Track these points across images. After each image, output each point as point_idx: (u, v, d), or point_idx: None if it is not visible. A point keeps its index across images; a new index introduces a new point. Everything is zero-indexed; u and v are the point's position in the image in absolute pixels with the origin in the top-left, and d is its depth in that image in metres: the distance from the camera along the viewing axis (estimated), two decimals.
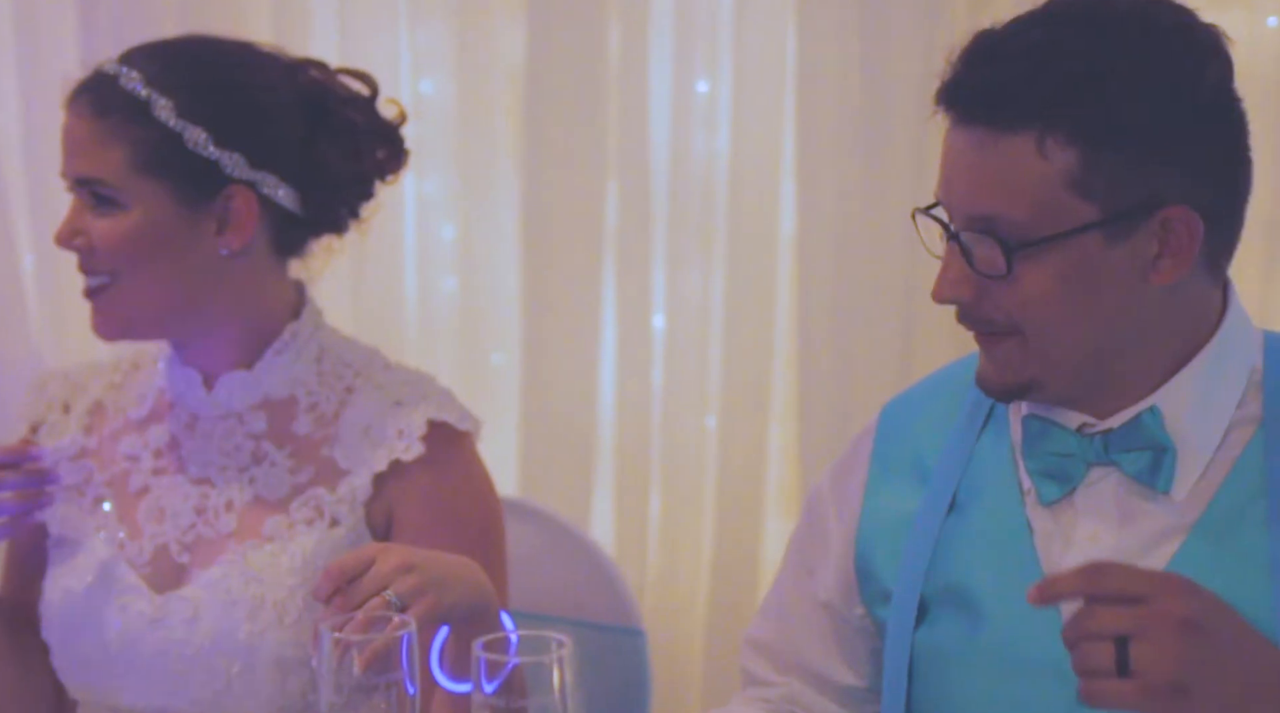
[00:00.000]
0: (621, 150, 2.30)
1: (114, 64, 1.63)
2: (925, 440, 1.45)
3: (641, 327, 2.33)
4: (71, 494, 1.71)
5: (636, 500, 2.35)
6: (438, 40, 2.36)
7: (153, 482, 1.69)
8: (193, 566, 1.64)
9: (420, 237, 2.42)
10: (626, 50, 2.27)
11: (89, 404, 1.75)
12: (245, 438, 1.67)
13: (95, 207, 1.61)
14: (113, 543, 1.66)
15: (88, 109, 1.61)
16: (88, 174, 1.61)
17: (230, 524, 1.65)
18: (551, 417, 2.35)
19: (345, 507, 1.63)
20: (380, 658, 1.26)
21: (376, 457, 1.63)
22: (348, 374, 1.70)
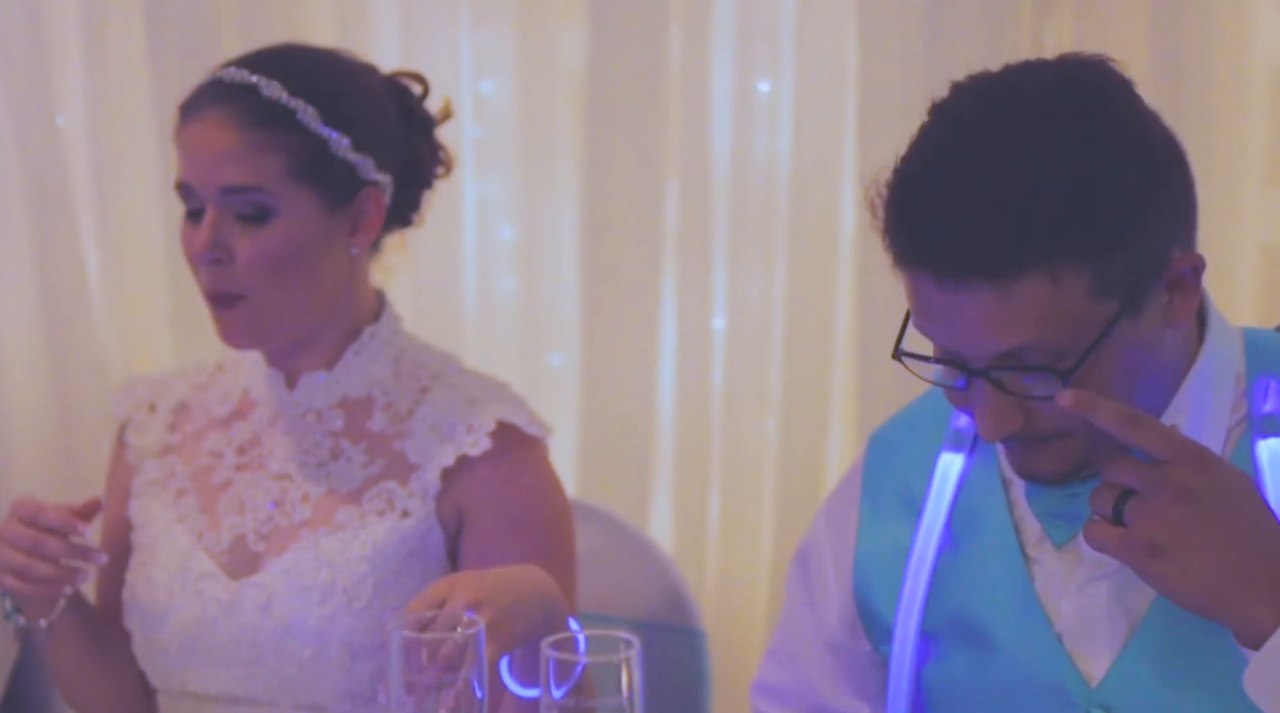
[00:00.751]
0: (682, 151, 2.30)
1: (245, 73, 1.64)
2: (912, 471, 1.43)
3: (701, 328, 2.33)
4: (155, 488, 1.75)
5: (696, 502, 2.35)
6: (498, 42, 2.36)
7: (235, 476, 1.73)
8: (267, 553, 1.68)
9: (480, 238, 2.43)
10: (687, 51, 2.27)
11: (174, 404, 1.80)
12: (324, 435, 1.71)
13: (244, 217, 1.61)
14: (192, 533, 1.70)
15: (234, 118, 1.61)
16: (244, 183, 1.61)
17: (305, 514, 1.68)
18: (611, 418, 2.35)
19: (416, 500, 1.66)
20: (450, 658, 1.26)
21: (444, 452, 1.66)
22: (423, 375, 1.73)
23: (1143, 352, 1.26)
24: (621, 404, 2.35)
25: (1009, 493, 1.38)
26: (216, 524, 1.71)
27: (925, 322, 1.26)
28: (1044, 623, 1.33)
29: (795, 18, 2.25)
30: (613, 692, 1.25)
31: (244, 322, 1.65)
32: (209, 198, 1.62)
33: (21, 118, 2.41)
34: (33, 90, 2.41)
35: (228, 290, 1.63)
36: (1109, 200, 1.20)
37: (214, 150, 1.61)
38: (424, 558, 1.66)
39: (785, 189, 2.29)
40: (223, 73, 1.65)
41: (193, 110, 1.65)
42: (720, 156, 2.30)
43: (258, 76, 1.63)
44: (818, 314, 2.30)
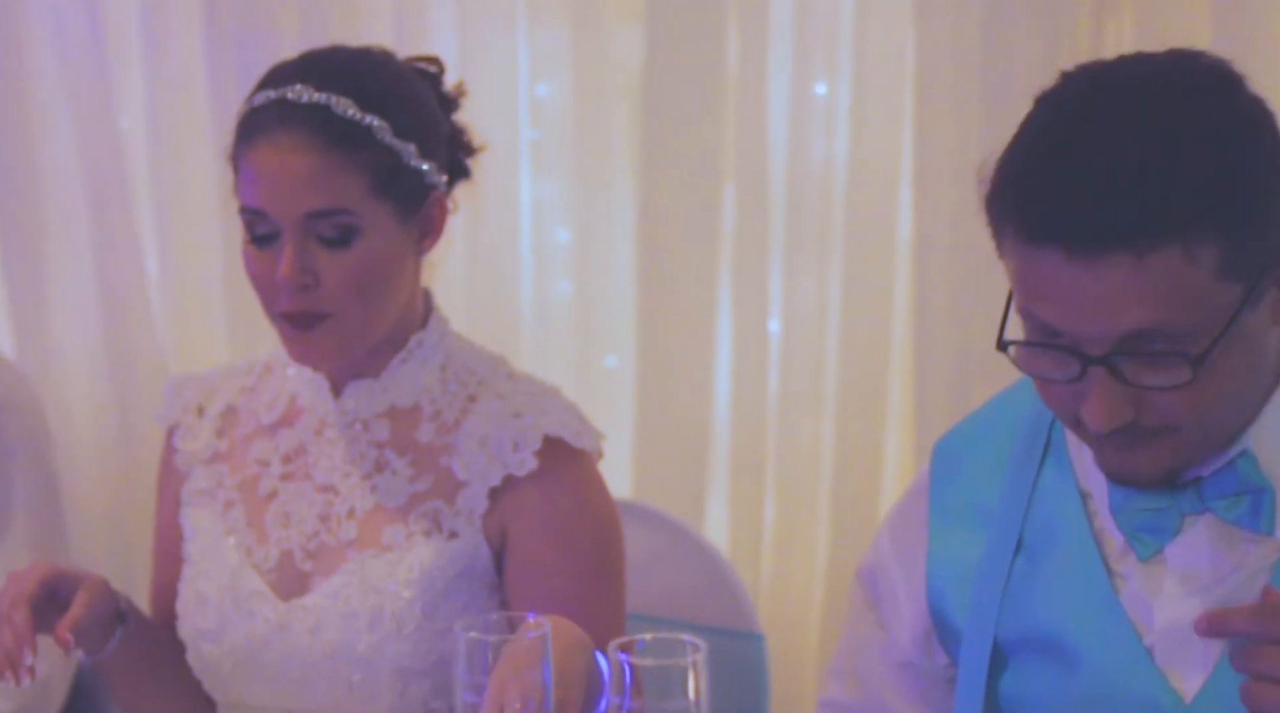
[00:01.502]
0: (738, 153, 2.29)
1: (310, 91, 1.57)
2: (981, 481, 1.41)
3: (757, 331, 2.32)
4: (204, 498, 1.72)
5: (751, 506, 2.35)
6: (555, 44, 2.37)
7: (281, 487, 1.69)
8: (315, 573, 1.65)
9: (536, 240, 2.43)
10: (745, 52, 2.27)
11: (222, 407, 1.75)
12: (369, 445, 1.66)
13: (328, 240, 1.56)
14: (241, 548, 1.67)
15: (311, 141, 1.55)
16: (328, 207, 1.55)
17: (351, 532, 1.64)
18: (666, 421, 2.35)
19: (463, 520, 1.62)
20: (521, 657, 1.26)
21: (492, 470, 1.61)
22: (471, 382, 1.67)
23: (1250, 349, 1.24)
24: (677, 407, 2.35)
25: (1087, 505, 1.36)
26: (264, 539, 1.68)
27: (1044, 305, 1.23)
28: (1133, 637, 1.31)
29: (853, 19, 2.25)
30: (679, 695, 1.24)
31: (325, 342, 1.59)
32: (289, 224, 1.56)
33: (83, 120, 2.43)
34: (94, 93, 2.43)
35: (313, 312, 1.58)
36: (1244, 176, 1.20)
37: (294, 176, 1.55)
38: (471, 579, 1.62)
39: (842, 191, 2.28)
40: (288, 92, 1.57)
41: (259, 133, 1.57)
42: (777, 159, 2.30)
43: (327, 94, 1.56)
44: (874, 317, 2.30)
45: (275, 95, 1.58)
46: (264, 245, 1.58)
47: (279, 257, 1.56)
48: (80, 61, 2.42)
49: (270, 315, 1.62)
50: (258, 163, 1.56)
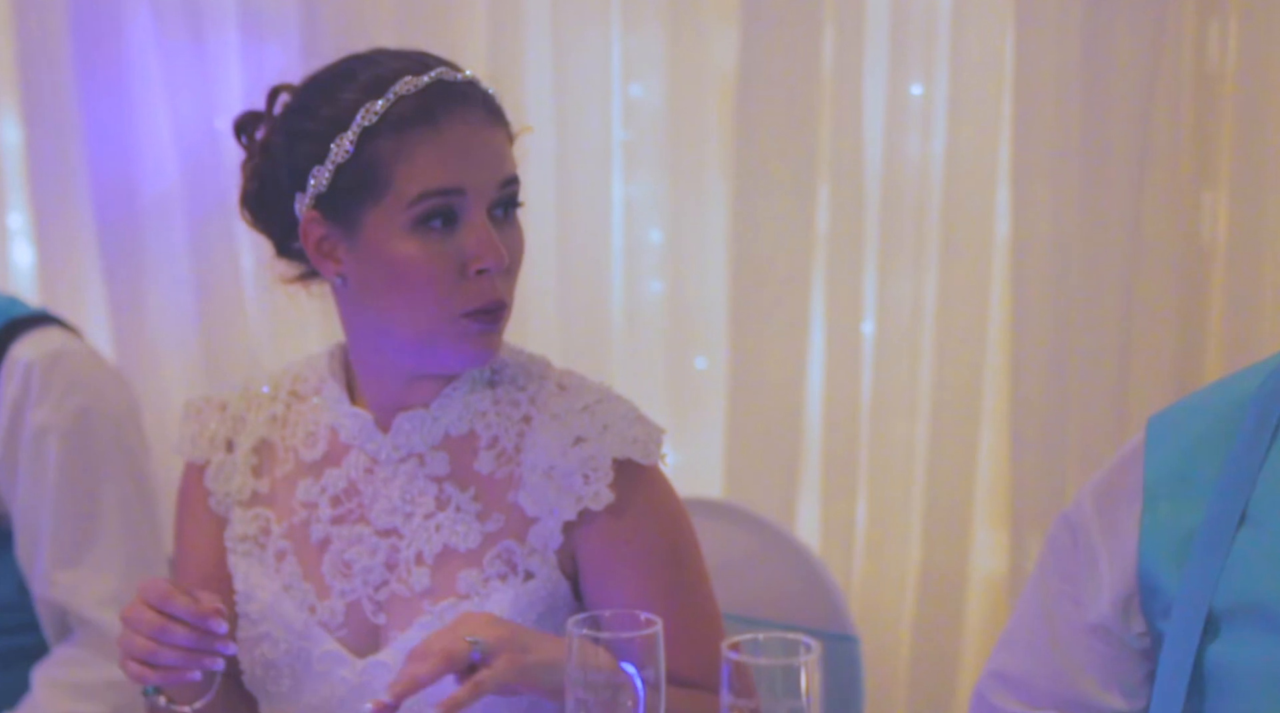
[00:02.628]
0: (833, 154, 2.29)
1: (449, 72, 1.53)
2: (1202, 455, 1.41)
3: (851, 332, 2.32)
4: (250, 547, 1.62)
5: (843, 507, 2.34)
6: (649, 44, 2.37)
7: (334, 532, 1.59)
8: (389, 627, 1.56)
9: (628, 240, 2.43)
10: (840, 53, 2.26)
11: (254, 442, 1.64)
12: (428, 482, 1.57)
13: (501, 217, 1.53)
14: (304, 607, 1.58)
15: (490, 116, 1.53)
16: (514, 174, 1.54)
17: (423, 581, 1.55)
18: (758, 421, 2.35)
19: (537, 558, 1.55)
20: (629, 655, 1.26)
21: (564, 503, 1.54)
22: (523, 400, 1.58)
23: None
24: (769, 407, 2.34)
25: None
26: (325, 593, 1.58)
27: None
28: None
29: (950, 19, 2.24)
30: (791, 696, 1.24)
31: (502, 332, 1.54)
32: (481, 199, 1.50)
33: (181, 120, 2.47)
34: (193, 93, 2.46)
35: (504, 299, 1.52)
36: None
37: (486, 147, 1.51)
38: (554, 616, 1.55)
39: (938, 192, 2.27)
40: (441, 73, 1.51)
41: (439, 112, 1.49)
42: (872, 159, 2.29)
43: (465, 74, 1.54)
44: (969, 318, 2.28)
45: (431, 78, 1.51)
46: (440, 236, 1.49)
47: (464, 245, 1.49)
48: (180, 62, 2.45)
49: (445, 318, 1.51)
50: (449, 140, 1.49)
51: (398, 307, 1.51)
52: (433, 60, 1.54)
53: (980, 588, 2.35)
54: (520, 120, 2.37)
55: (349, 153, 1.50)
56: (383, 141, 1.49)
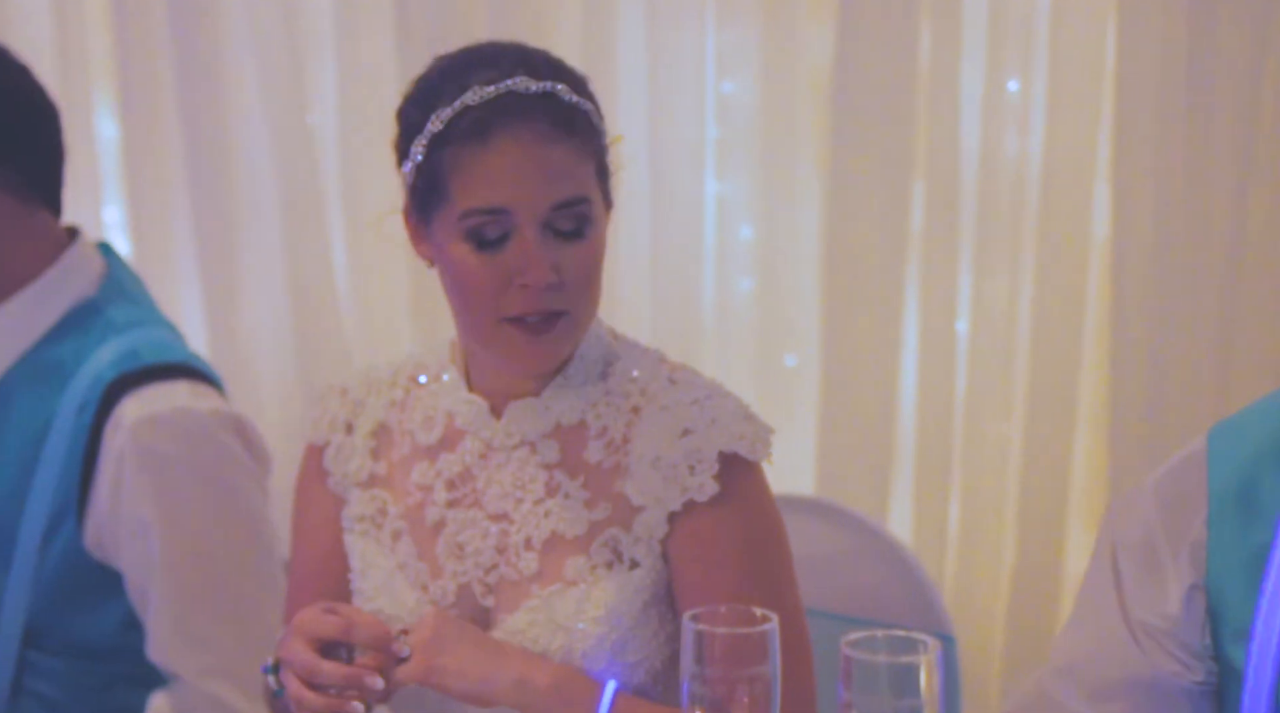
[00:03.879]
0: (929, 151, 2.27)
1: (530, 81, 1.50)
2: (1265, 470, 1.37)
3: (944, 331, 2.30)
4: (367, 526, 1.66)
5: (935, 506, 2.32)
6: (742, 41, 2.36)
7: (449, 515, 1.62)
8: (498, 609, 1.60)
9: (719, 237, 2.43)
10: (937, 48, 2.24)
11: (373, 425, 1.68)
12: (538, 468, 1.60)
13: (564, 233, 1.51)
14: (416, 585, 1.62)
15: (555, 131, 1.49)
16: (575, 195, 1.51)
17: (532, 565, 1.58)
18: (850, 419, 2.33)
19: (642, 547, 1.56)
20: (744, 651, 1.26)
21: (669, 494, 1.55)
22: (633, 392, 1.60)
23: None
24: (861, 405, 2.33)
25: None
26: (439, 573, 1.62)
27: None
28: None
29: (1049, 14, 2.21)
30: (910, 694, 1.23)
31: (564, 339, 1.54)
32: (532, 219, 1.50)
33: (275, 115, 2.49)
34: (287, 89, 2.48)
35: (557, 310, 1.52)
36: None
37: (539, 166, 1.49)
38: (657, 604, 1.57)
39: (1035, 190, 2.25)
40: (508, 84, 1.50)
41: (493, 129, 1.48)
42: (968, 157, 2.27)
43: (549, 83, 1.50)
44: (1066, 317, 2.26)
45: (497, 90, 1.50)
46: (491, 250, 1.50)
47: (511, 259, 1.50)
48: (274, 58, 2.47)
49: (490, 322, 1.53)
50: (498, 159, 1.49)
51: (457, 305, 1.56)
52: (515, 65, 1.51)
53: (1075, 590, 2.32)
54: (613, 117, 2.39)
55: (419, 159, 1.52)
56: (445, 152, 1.50)
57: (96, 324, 1.98)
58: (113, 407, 1.91)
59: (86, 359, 1.94)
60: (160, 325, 2.04)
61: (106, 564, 1.96)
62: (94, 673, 1.98)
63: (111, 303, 2.00)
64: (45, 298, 1.98)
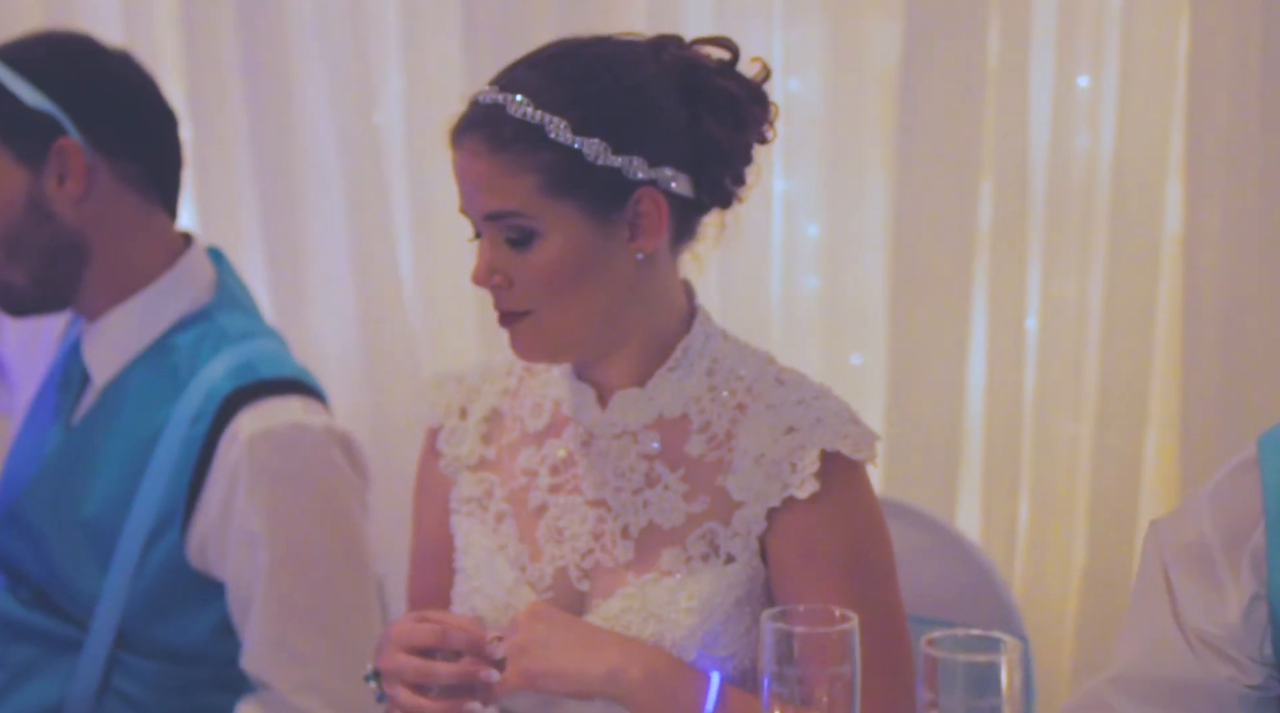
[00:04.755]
0: (997, 148, 2.25)
1: (494, 92, 1.56)
2: None
3: (1013, 329, 2.28)
4: (473, 508, 1.69)
5: (1004, 507, 2.31)
6: (809, 38, 2.35)
7: (551, 500, 1.65)
8: (592, 595, 1.61)
9: (785, 235, 2.42)
10: (1006, 44, 2.22)
11: (485, 411, 1.72)
12: (639, 459, 1.62)
13: (512, 241, 1.55)
14: (515, 565, 1.65)
15: (484, 145, 1.54)
16: (500, 209, 1.54)
17: (627, 553, 1.60)
18: (917, 418, 2.32)
19: (740, 542, 1.57)
20: (824, 650, 1.25)
21: (770, 490, 1.56)
22: (740, 389, 1.62)
23: None
24: (928, 405, 2.31)
25: None
26: (537, 555, 1.64)
27: None
28: None
29: (1121, 8, 2.19)
30: (991, 693, 1.22)
31: (530, 336, 1.59)
32: (480, 225, 1.57)
33: (342, 114, 2.50)
34: (353, 88, 2.49)
35: (512, 309, 1.58)
36: None
37: (473, 179, 1.55)
38: (751, 600, 1.58)
39: (1105, 187, 2.23)
40: (479, 93, 1.57)
41: (457, 136, 1.58)
42: (1038, 153, 2.25)
43: (504, 95, 1.55)
44: (1137, 315, 2.24)
45: (472, 99, 1.59)
46: (479, 243, 1.59)
47: (479, 256, 1.58)
48: (342, 57, 2.48)
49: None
50: (458, 164, 1.58)
51: None
52: (503, 73, 1.58)
53: None
54: None
55: None
56: None
57: (210, 332, 2.00)
58: (228, 420, 1.94)
59: (200, 369, 1.97)
60: (270, 336, 2.07)
61: (206, 574, 1.97)
62: (179, 676, 1.99)
63: (224, 311, 2.03)
64: (162, 301, 2.01)
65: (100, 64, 2.01)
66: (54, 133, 1.96)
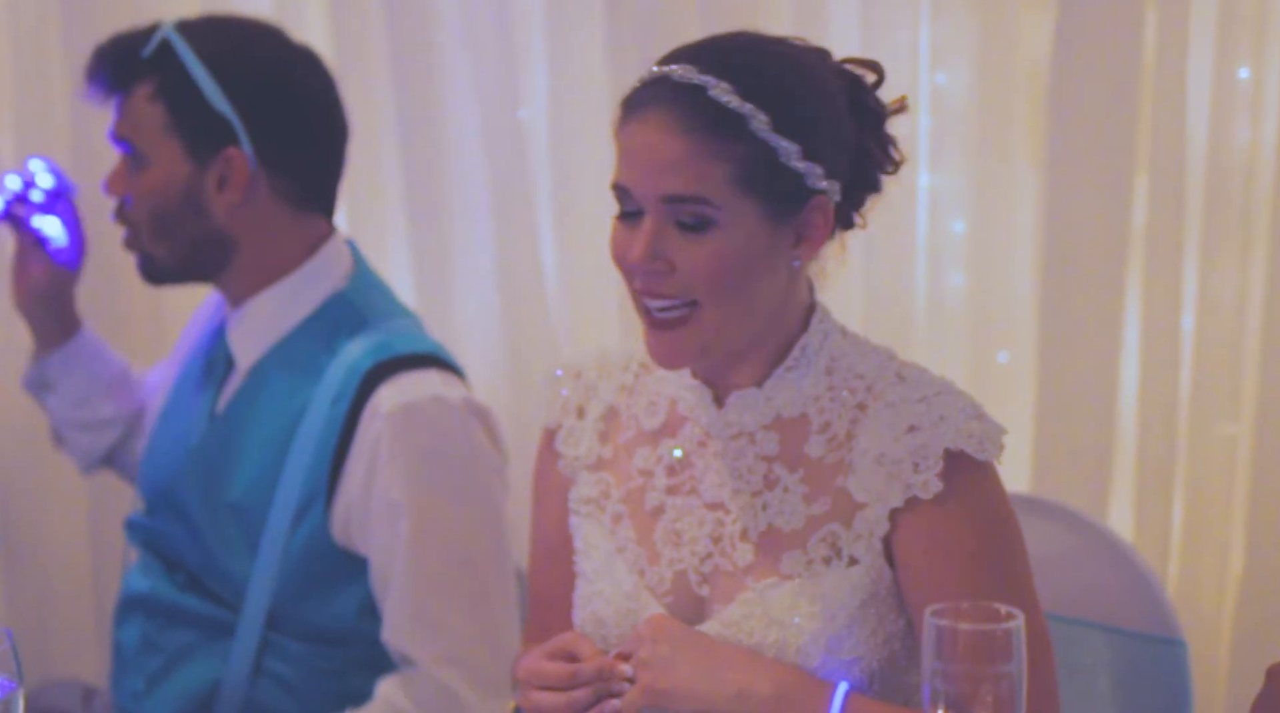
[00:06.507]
0: (1153, 143, 2.20)
1: (693, 72, 1.51)
2: None
3: (1169, 327, 2.22)
4: (591, 509, 1.68)
5: (1158, 508, 2.25)
6: (958, 31, 2.32)
7: (668, 502, 1.63)
8: (712, 600, 1.59)
9: (931, 231, 2.39)
10: (1163, 35, 2.17)
11: (603, 409, 1.70)
12: (757, 460, 1.59)
13: (684, 227, 1.51)
14: (634, 569, 1.63)
15: (680, 122, 1.49)
16: (685, 192, 1.50)
17: (747, 557, 1.58)
18: (1068, 417, 2.27)
19: (863, 544, 1.54)
20: (988, 648, 1.23)
21: (892, 490, 1.52)
22: (860, 387, 1.58)
23: None
24: (1080, 403, 2.27)
25: None
26: (656, 559, 1.62)
27: None
28: None
29: None
30: None
31: (680, 340, 1.54)
32: (648, 204, 1.52)
33: (488, 110, 2.52)
34: (499, 84, 2.51)
35: (667, 303, 1.53)
36: None
37: (657, 156, 1.50)
38: (876, 603, 1.55)
39: (1268, 181, 2.17)
40: (669, 69, 1.52)
41: (636, 108, 1.53)
42: (1195, 148, 2.20)
43: (709, 77, 1.50)
44: None
45: (659, 73, 1.53)
46: (629, 222, 1.55)
47: (639, 236, 1.53)
48: (487, 54, 2.50)
49: (634, 301, 1.57)
50: (627, 139, 1.53)
51: None
52: (694, 56, 1.54)
53: None
54: None
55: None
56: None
57: (349, 315, 2.06)
58: (368, 396, 1.98)
59: (340, 350, 2.02)
60: (406, 315, 2.13)
61: (350, 550, 2.01)
62: (330, 657, 2.03)
63: (360, 295, 2.09)
64: (304, 288, 2.07)
65: (287, 75, 2.07)
66: (227, 139, 2.02)
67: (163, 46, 2.03)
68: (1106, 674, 1.93)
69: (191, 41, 2.03)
